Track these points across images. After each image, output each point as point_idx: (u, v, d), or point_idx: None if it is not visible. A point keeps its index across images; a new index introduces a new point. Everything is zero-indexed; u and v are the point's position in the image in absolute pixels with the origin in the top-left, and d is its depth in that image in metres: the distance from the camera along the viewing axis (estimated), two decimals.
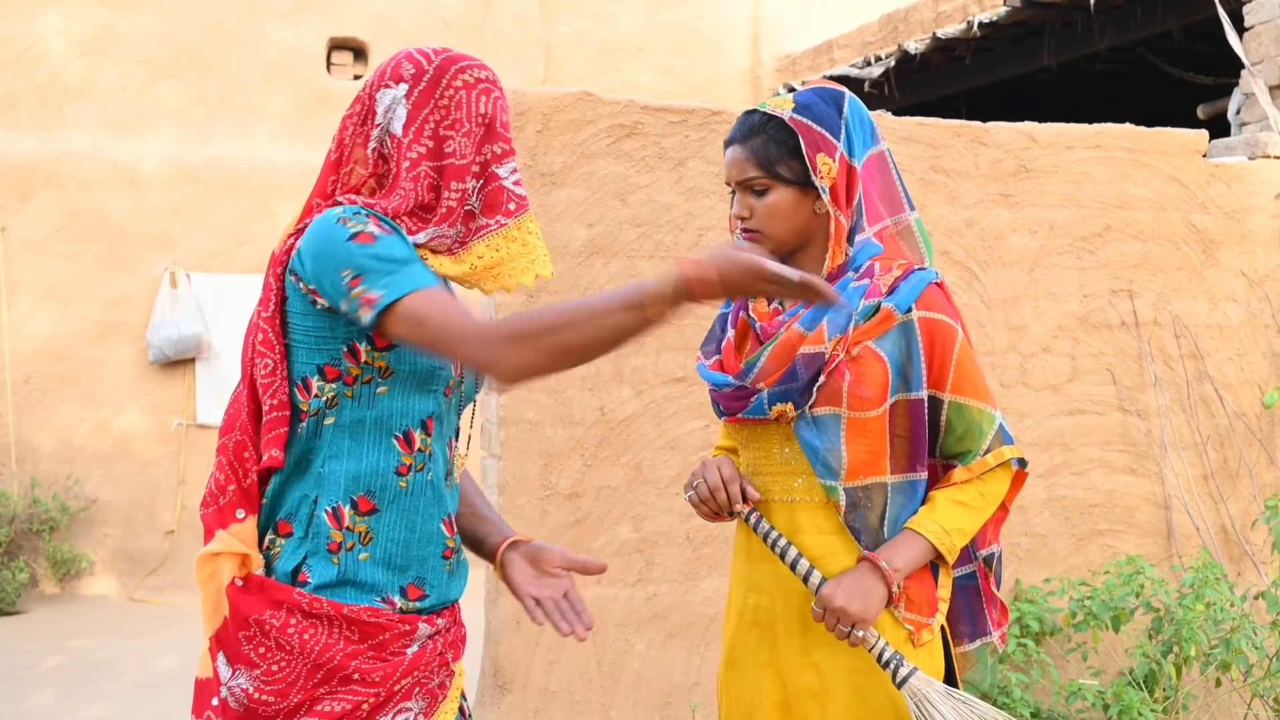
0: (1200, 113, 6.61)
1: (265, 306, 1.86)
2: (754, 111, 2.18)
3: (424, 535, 1.89)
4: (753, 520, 2.15)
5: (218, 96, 8.31)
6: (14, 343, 7.83)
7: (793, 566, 2.11)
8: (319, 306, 1.82)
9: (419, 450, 1.89)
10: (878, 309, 2.09)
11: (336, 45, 8.72)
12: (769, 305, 2.20)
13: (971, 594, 2.26)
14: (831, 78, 8.34)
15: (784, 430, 2.14)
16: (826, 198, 2.10)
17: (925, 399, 2.12)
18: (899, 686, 2.06)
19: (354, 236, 1.77)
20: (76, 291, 7.95)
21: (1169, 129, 4.66)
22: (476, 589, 5.01)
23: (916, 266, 2.15)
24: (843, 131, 2.13)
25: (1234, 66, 5.51)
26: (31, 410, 7.85)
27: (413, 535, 1.89)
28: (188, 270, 8.13)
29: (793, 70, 9.59)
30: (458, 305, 1.76)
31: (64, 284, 7.93)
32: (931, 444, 2.17)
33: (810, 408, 2.10)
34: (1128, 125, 4.59)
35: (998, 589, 2.27)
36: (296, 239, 1.85)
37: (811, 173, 2.10)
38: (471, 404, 2.04)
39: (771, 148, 2.12)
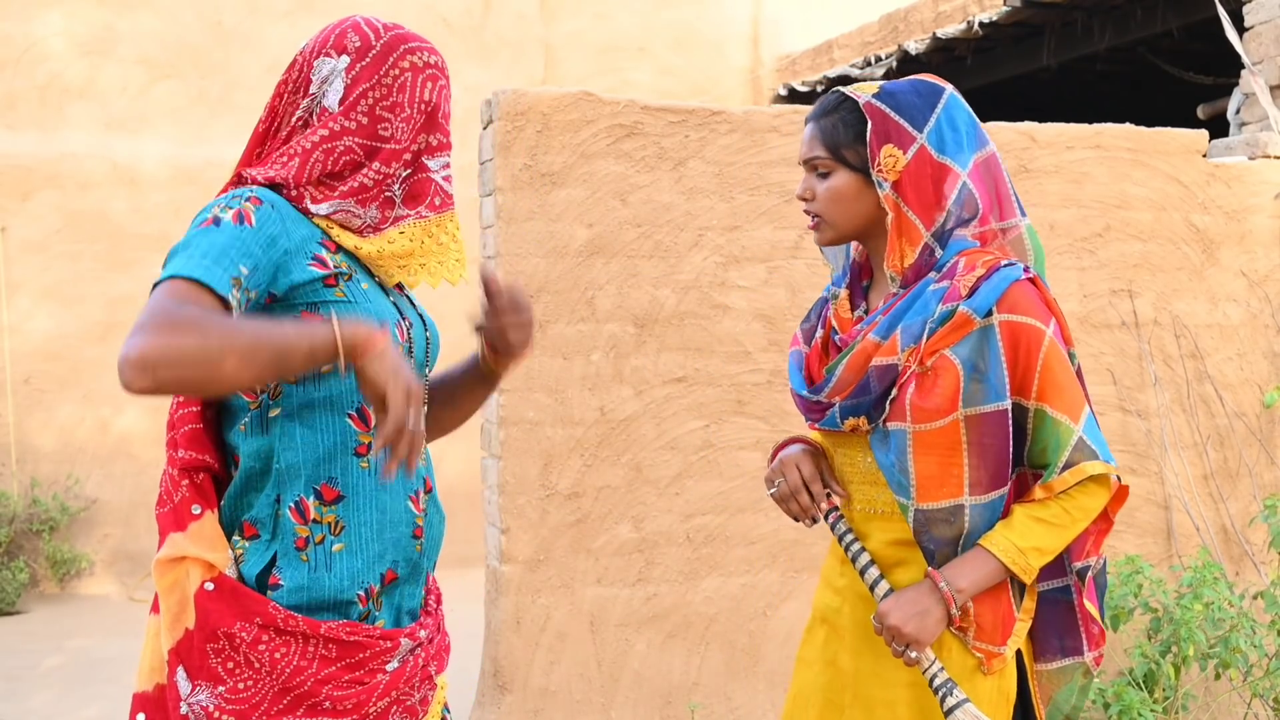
0: (1200, 113, 6.61)
1: None
2: (836, 91, 2.08)
3: (394, 516, 1.81)
4: (831, 520, 2.08)
5: (218, 96, 8.31)
6: (14, 343, 7.83)
7: (862, 573, 2.03)
8: None
9: (376, 427, 1.76)
10: (954, 313, 1.94)
11: None
12: (852, 312, 2.10)
13: (1064, 609, 2.08)
14: (831, 78, 8.35)
15: (866, 440, 2.05)
16: (884, 190, 1.98)
17: (1009, 409, 1.96)
18: (945, 715, 1.95)
19: (203, 221, 1.67)
20: (76, 291, 7.95)
21: (1169, 129, 4.66)
22: (477, 589, 5.01)
23: (1004, 262, 1.98)
24: (929, 125, 1.99)
25: (1234, 66, 5.51)
26: (31, 410, 7.86)
27: (384, 517, 1.79)
28: None
29: (793, 70, 9.58)
30: (183, 297, 1.56)
31: (64, 284, 7.93)
32: (1019, 452, 2.01)
33: (884, 422, 2.00)
34: (1128, 125, 4.59)
35: (1100, 604, 2.10)
36: None
37: (870, 161, 1.99)
38: (424, 379, 1.96)
39: (840, 130, 2.02)
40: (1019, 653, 2.08)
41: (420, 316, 1.95)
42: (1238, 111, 5.33)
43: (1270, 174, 4.75)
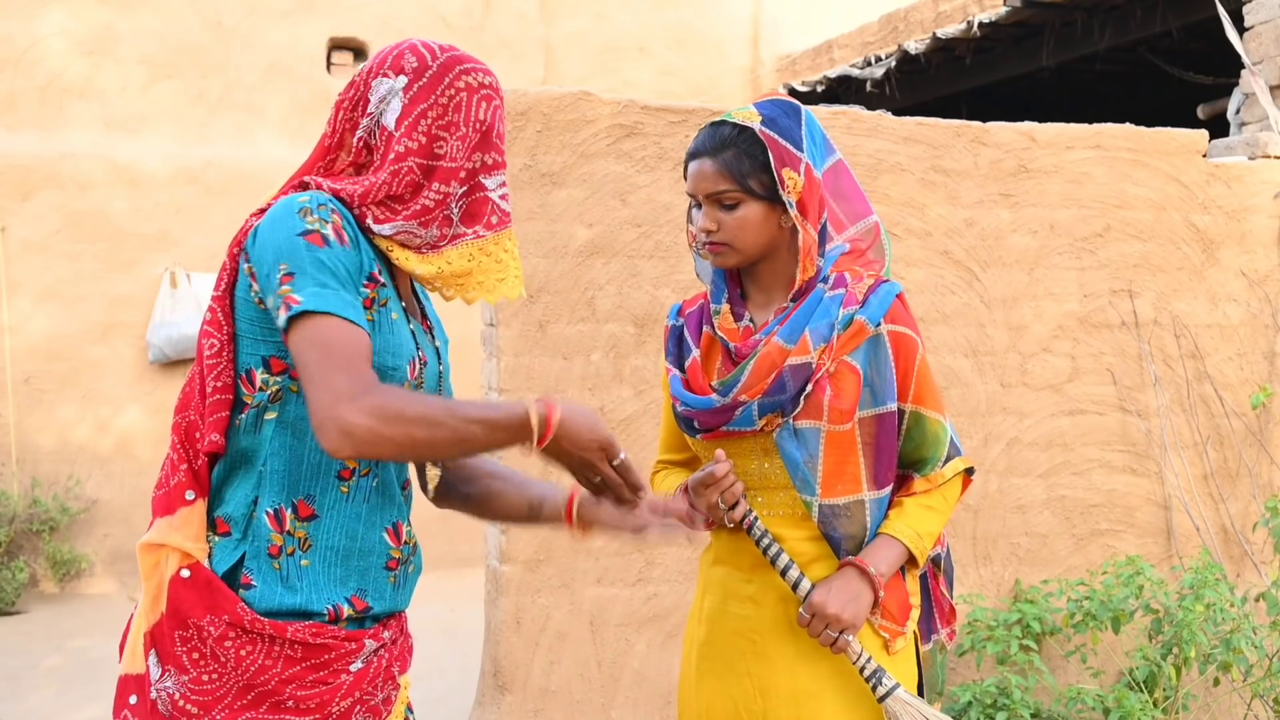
0: (1200, 113, 6.61)
1: (217, 286, 1.78)
2: (722, 123, 2.15)
3: (365, 545, 1.81)
4: (748, 523, 2.13)
5: (218, 96, 8.32)
6: (14, 343, 7.83)
7: (783, 572, 2.11)
8: (253, 293, 1.73)
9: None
10: (852, 321, 2.11)
11: (336, 45, 8.72)
12: (737, 323, 2.18)
13: (923, 594, 2.30)
14: (831, 78, 8.35)
15: (761, 445, 2.13)
16: (793, 211, 2.10)
17: (896, 411, 2.14)
18: (880, 701, 2.08)
19: (306, 233, 1.69)
20: (76, 291, 7.95)
21: (1169, 129, 4.66)
22: (477, 588, 5.01)
23: (883, 279, 2.18)
24: (804, 143, 2.13)
25: (1234, 66, 5.51)
26: (31, 410, 7.86)
27: (353, 545, 1.80)
28: (188, 270, 8.13)
29: (793, 70, 9.59)
30: (361, 352, 1.66)
31: (64, 284, 7.94)
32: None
33: (793, 419, 2.10)
34: (1128, 125, 4.59)
35: (948, 589, 2.32)
36: (259, 218, 1.77)
37: (779, 187, 2.10)
38: None
39: (744, 161, 2.10)
40: (915, 639, 2.23)
41: (436, 351, 1.95)
42: (1238, 111, 5.33)
43: (1270, 174, 4.75)
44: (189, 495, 1.76)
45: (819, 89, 8.60)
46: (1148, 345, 4.58)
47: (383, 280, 1.80)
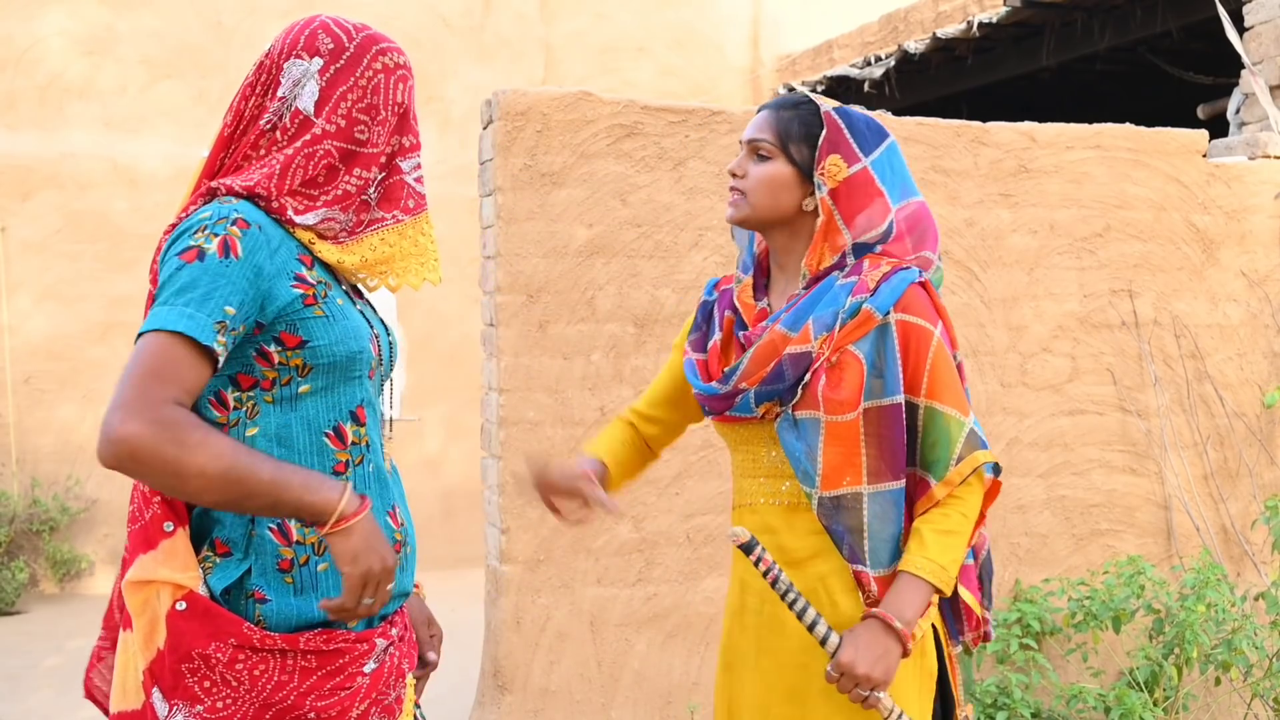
0: (1200, 113, 6.61)
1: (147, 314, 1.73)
2: (801, 94, 2.19)
3: None
4: (772, 576, 2.04)
5: (218, 96, 8.31)
6: (14, 343, 7.83)
7: (810, 628, 2.02)
8: None
9: (354, 443, 1.77)
10: (859, 309, 2.05)
11: None
12: (756, 301, 2.18)
13: (953, 597, 2.22)
14: (831, 78, 8.35)
15: (769, 432, 2.12)
16: (822, 193, 2.09)
17: (903, 404, 2.07)
18: None
19: (184, 251, 1.64)
20: (76, 291, 7.95)
21: (1169, 129, 4.66)
22: (477, 589, 5.01)
23: (901, 266, 2.11)
24: (875, 154, 2.12)
25: (1234, 66, 5.51)
26: (31, 410, 7.86)
27: None
28: None
29: (793, 70, 9.58)
30: (173, 370, 1.58)
31: (64, 284, 7.93)
32: (910, 451, 2.11)
33: (793, 408, 2.08)
34: (1128, 125, 4.59)
35: (982, 590, 2.23)
36: (171, 233, 1.73)
37: (815, 164, 2.09)
38: (389, 381, 1.93)
39: (795, 125, 2.12)
40: (936, 636, 2.16)
41: (383, 324, 1.93)
42: (1238, 111, 5.33)
43: (1270, 174, 4.75)
44: (167, 527, 1.71)
45: (819, 89, 8.60)
46: (1148, 345, 4.58)
47: (316, 275, 1.76)
